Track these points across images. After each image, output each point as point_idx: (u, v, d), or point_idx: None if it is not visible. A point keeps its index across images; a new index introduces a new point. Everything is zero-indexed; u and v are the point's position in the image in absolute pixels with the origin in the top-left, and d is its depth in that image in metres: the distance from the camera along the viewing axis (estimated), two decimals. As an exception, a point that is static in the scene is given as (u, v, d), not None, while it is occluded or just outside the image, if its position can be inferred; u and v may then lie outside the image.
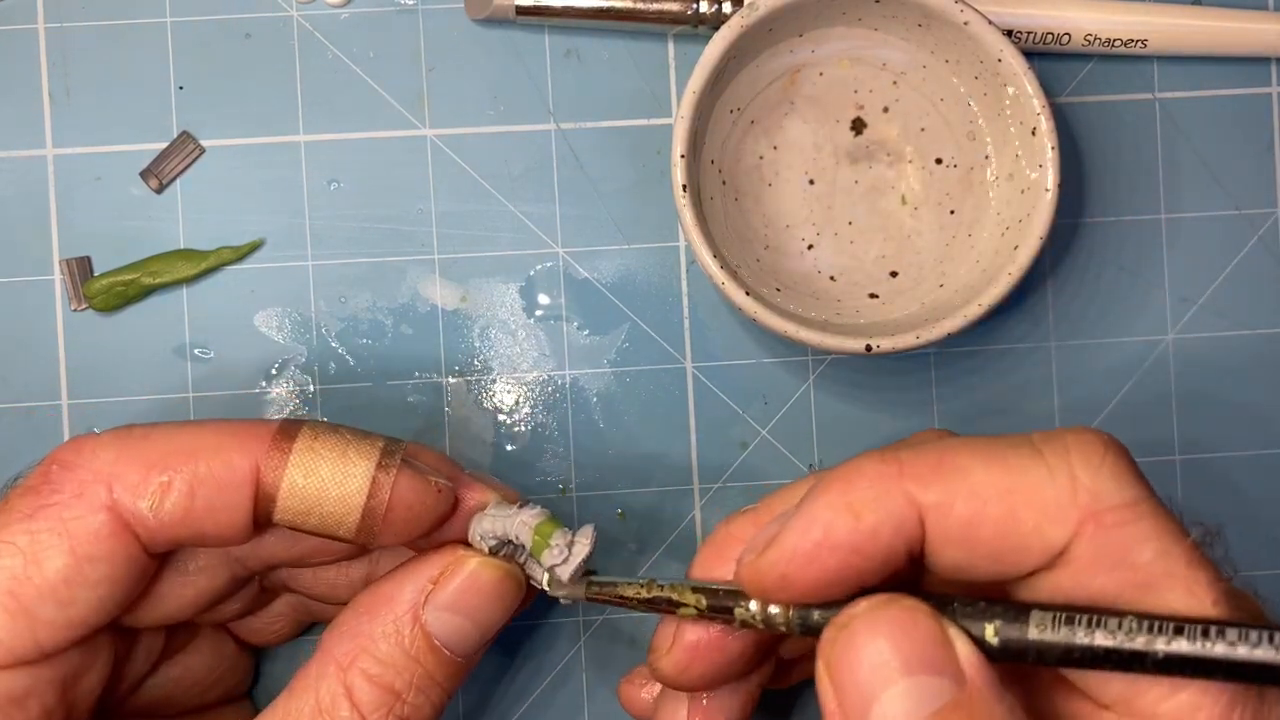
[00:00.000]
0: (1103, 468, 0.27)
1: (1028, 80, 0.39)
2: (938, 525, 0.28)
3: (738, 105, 0.42)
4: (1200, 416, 0.44)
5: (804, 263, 0.42)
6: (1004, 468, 0.28)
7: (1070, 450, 0.28)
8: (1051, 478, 0.27)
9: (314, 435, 0.32)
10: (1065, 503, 0.27)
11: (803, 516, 0.29)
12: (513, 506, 0.34)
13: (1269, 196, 0.44)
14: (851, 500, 0.28)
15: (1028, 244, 0.39)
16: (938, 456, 0.28)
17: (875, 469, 0.28)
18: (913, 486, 0.28)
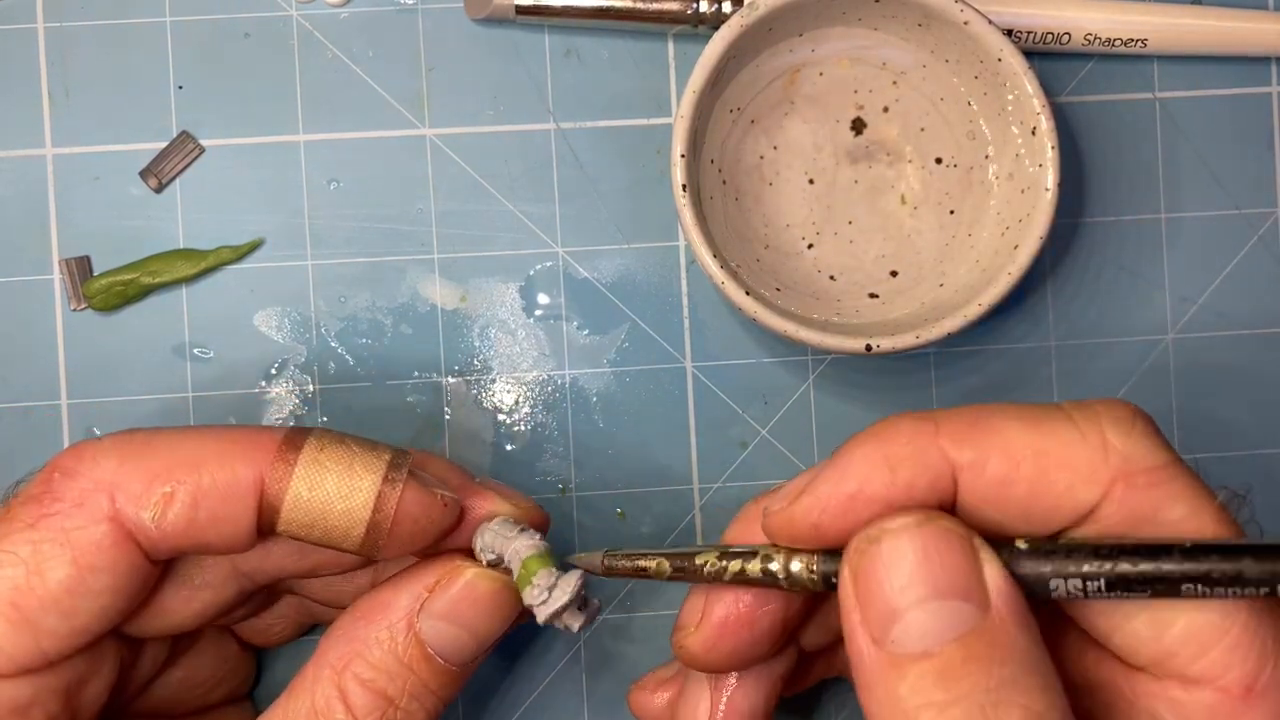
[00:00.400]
0: (1132, 433, 0.28)
1: (1028, 80, 0.39)
2: (971, 483, 0.28)
3: (738, 105, 0.42)
4: (1200, 416, 0.44)
5: (804, 262, 0.42)
6: (1037, 429, 0.28)
7: (1101, 416, 0.28)
8: (1084, 440, 0.28)
9: (319, 447, 0.32)
10: (1097, 464, 0.28)
11: (837, 468, 0.29)
12: (516, 527, 0.34)
13: (1269, 196, 0.44)
14: (888, 454, 0.28)
15: (1028, 244, 0.39)
16: (973, 416, 0.29)
17: (911, 426, 0.29)
18: (948, 444, 0.28)
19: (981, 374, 0.43)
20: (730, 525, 0.34)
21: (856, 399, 0.43)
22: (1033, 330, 0.44)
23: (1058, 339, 0.44)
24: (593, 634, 0.43)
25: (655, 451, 0.43)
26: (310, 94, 0.42)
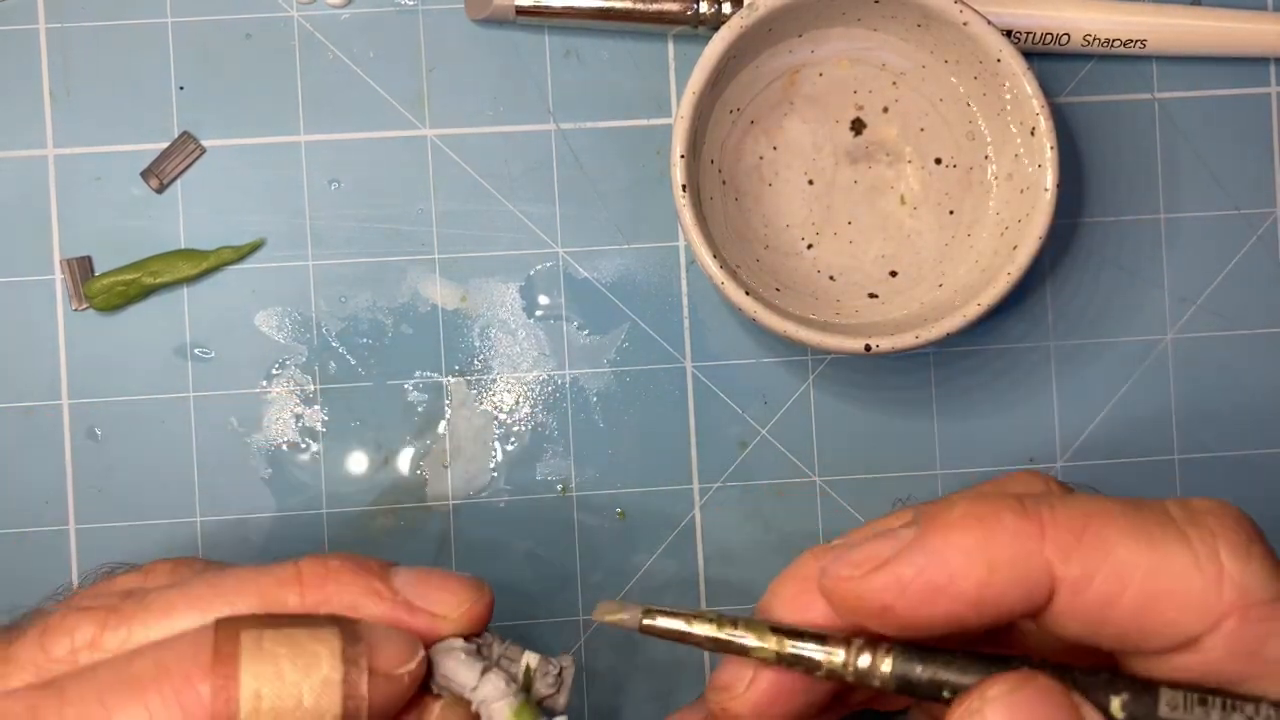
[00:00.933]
0: (1250, 559, 0.26)
1: (1027, 80, 0.39)
2: (1070, 599, 0.26)
3: (737, 105, 0.42)
4: (1199, 416, 0.44)
5: (804, 263, 0.42)
6: (1150, 547, 0.26)
7: (1217, 536, 0.26)
8: (1198, 566, 0.26)
9: (257, 638, 0.28)
10: (1211, 595, 0.26)
11: (926, 551, 0.26)
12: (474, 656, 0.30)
13: (1268, 196, 0.44)
14: (988, 553, 0.26)
15: (1027, 244, 0.39)
16: (1083, 523, 0.26)
17: (1016, 524, 0.26)
18: (1053, 555, 0.26)
19: (981, 374, 0.43)
20: (781, 580, 0.30)
21: (856, 399, 0.43)
22: (1032, 330, 0.44)
23: (1057, 339, 0.44)
24: (593, 633, 0.43)
25: (655, 451, 0.43)
26: (311, 94, 0.42)
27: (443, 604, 0.30)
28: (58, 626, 0.29)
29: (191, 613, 0.29)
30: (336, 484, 0.42)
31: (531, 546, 0.43)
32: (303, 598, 0.29)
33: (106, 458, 0.42)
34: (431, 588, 0.30)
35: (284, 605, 0.29)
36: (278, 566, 0.30)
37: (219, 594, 0.29)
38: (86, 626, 0.29)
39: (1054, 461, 0.43)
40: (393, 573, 0.30)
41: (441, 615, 0.30)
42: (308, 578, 0.29)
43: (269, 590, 0.29)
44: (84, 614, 0.29)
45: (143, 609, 0.29)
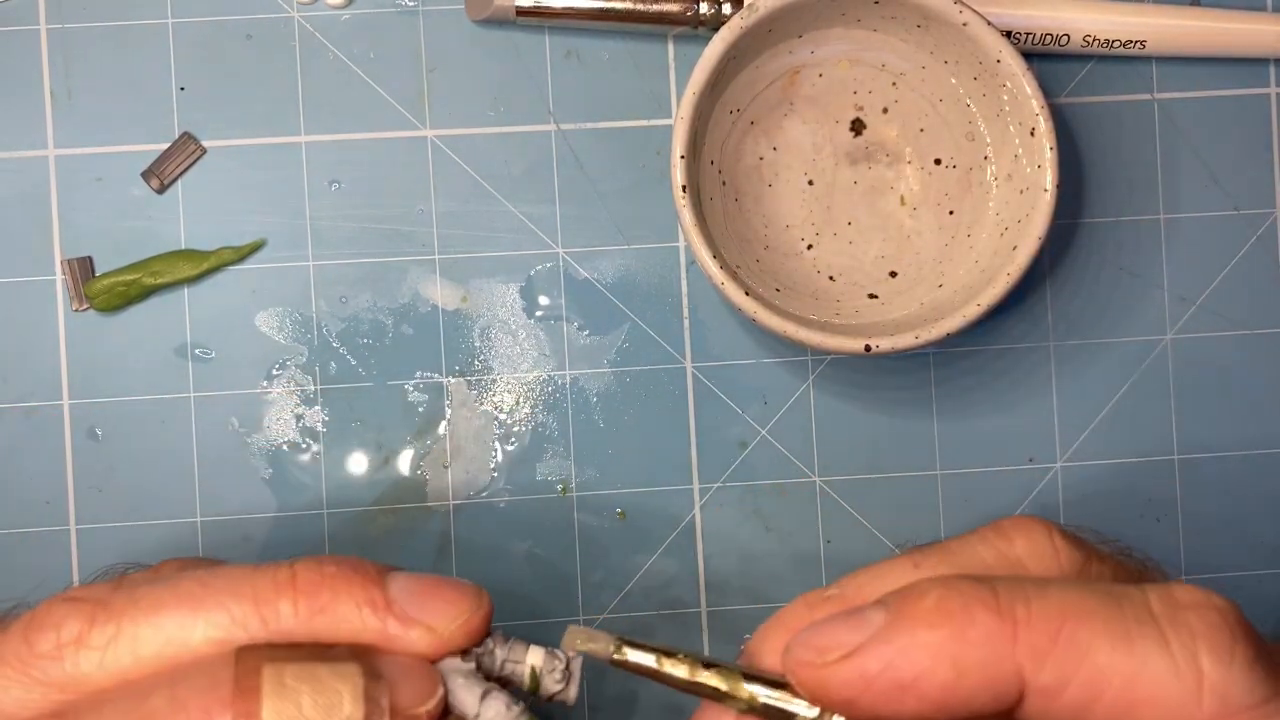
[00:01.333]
0: (1233, 663, 0.25)
1: (1026, 81, 0.39)
2: (1041, 703, 0.25)
3: (737, 106, 0.42)
4: (1199, 417, 0.44)
5: (803, 263, 0.42)
6: (1127, 652, 0.25)
7: (1198, 637, 0.25)
8: (1178, 673, 0.25)
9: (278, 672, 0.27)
10: (1190, 704, 0.25)
11: (894, 646, 0.25)
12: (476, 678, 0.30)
13: (1268, 197, 0.44)
14: (958, 655, 0.25)
15: (1026, 244, 0.39)
16: (1058, 624, 0.25)
17: (988, 624, 0.25)
18: (1025, 659, 0.25)
19: (980, 374, 0.44)
20: (768, 625, 0.30)
21: (856, 399, 0.43)
22: (1032, 330, 0.44)
23: (1057, 339, 0.44)
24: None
25: (655, 451, 0.43)
26: (312, 95, 0.42)
27: (440, 616, 0.29)
28: (43, 620, 0.28)
29: (181, 611, 0.28)
30: (337, 484, 0.42)
31: (531, 546, 0.43)
32: (296, 605, 0.28)
33: (107, 458, 0.42)
34: (429, 598, 0.29)
35: (278, 612, 0.28)
36: (272, 568, 0.29)
37: (210, 594, 0.28)
38: (73, 621, 0.28)
39: (1054, 461, 0.43)
40: (390, 580, 0.29)
41: (439, 630, 0.29)
42: (302, 584, 0.29)
43: (263, 594, 0.28)
44: (71, 606, 0.28)
45: (132, 605, 0.28)
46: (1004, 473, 0.43)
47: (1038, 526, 0.29)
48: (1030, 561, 0.29)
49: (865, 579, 0.29)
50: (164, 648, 0.28)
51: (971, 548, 0.29)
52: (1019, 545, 0.29)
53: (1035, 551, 0.29)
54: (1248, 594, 0.44)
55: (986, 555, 0.29)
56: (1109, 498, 0.44)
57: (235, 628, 0.28)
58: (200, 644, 0.28)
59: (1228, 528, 0.44)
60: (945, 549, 0.29)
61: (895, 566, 0.29)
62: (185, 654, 0.28)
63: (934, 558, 0.29)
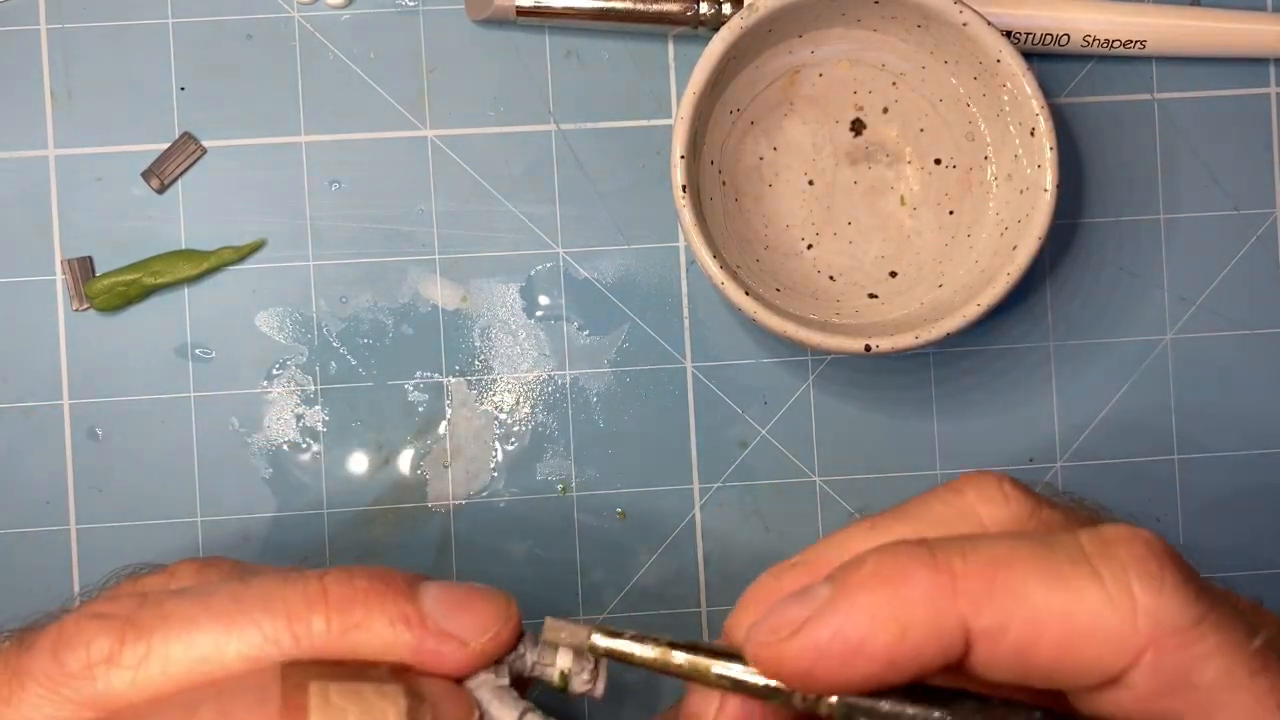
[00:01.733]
0: (1163, 589, 0.26)
1: (1026, 81, 0.39)
2: (988, 650, 0.26)
3: (737, 106, 0.42)
4: (1198, 416, 0.44)
5: (803, 263, 0.42)
6: (1062, 588, 0.26)
7: (1129, 568, 0.26)
8: (1111, 603, 0.26)
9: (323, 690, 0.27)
10: (1127, 630, 0.26)
11: (839, 613, 0.27)
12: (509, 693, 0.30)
13: (1267, 196, 0.44)
14: (899, 615, 0.26)
15: (1026, 244, 0.39)
16: (992, 571, 0.26)
17: (927, 580, 0.26)
18: (966, 608, 0.26)
19: (980, 374, 0.44)
20: (741, 601, 0.31)
21: (856, 399, 0.43)
22: (1032, 330, 0.44)
23: (1057, 339, 0.44)
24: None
25: (655, 451, 0.43)
26: (312, 95, 0.42)
27: (473, 630, 0.29)
28: (73, 638, 0.28)
29: (214, 629, 0.28)
30: (337, 484, 0.42)
31: (531, 546, 0.43)
32: (329, 622, 0.28)
33: (107, 458, 0.42)
34: (461, 611, 0.29)
35: (310, 629, 0.28)
36: (302, 580, 0.29)
37: (242, 610, 0.28)
38: (103, 639, 0.28)
39: (1054, 461, 0.44)
40: (421, 592, 0.29)
41: (472, 644, 0.29)
42: (334, 598, 0.28)
43: (295, 609, 0.28)
44: (100, 624, 0.28)
45: (163, 622, 0.28)
46: (1004, 472, 0.43)
47: (988, 477, 0.30)
48: (982, 509, 0.30)
49: (827, 546, 0.30)
50: (197, 665, 0.28)
51: (927, 505, 0.30)
52: (970, 496, 0.30)
53: (986, 500, 0.30)
54: (1247, 594, 0.44)
55: (941, 510, 0.30)
56: (1109, 498, 0.44)
57: (268, 644, 0.28)
58: (233, 661, 0.28)
59: (1228, 527, 0.44)
60: (903, 509, 0.30)
61: (855, 532, 0.30)
62: (218, 670, 0.28)
63: (890, 517, 0.30)
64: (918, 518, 0.30)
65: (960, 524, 0.29)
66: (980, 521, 0.29)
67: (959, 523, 0.30)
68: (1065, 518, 0.30)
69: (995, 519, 0.29)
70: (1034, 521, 0.29)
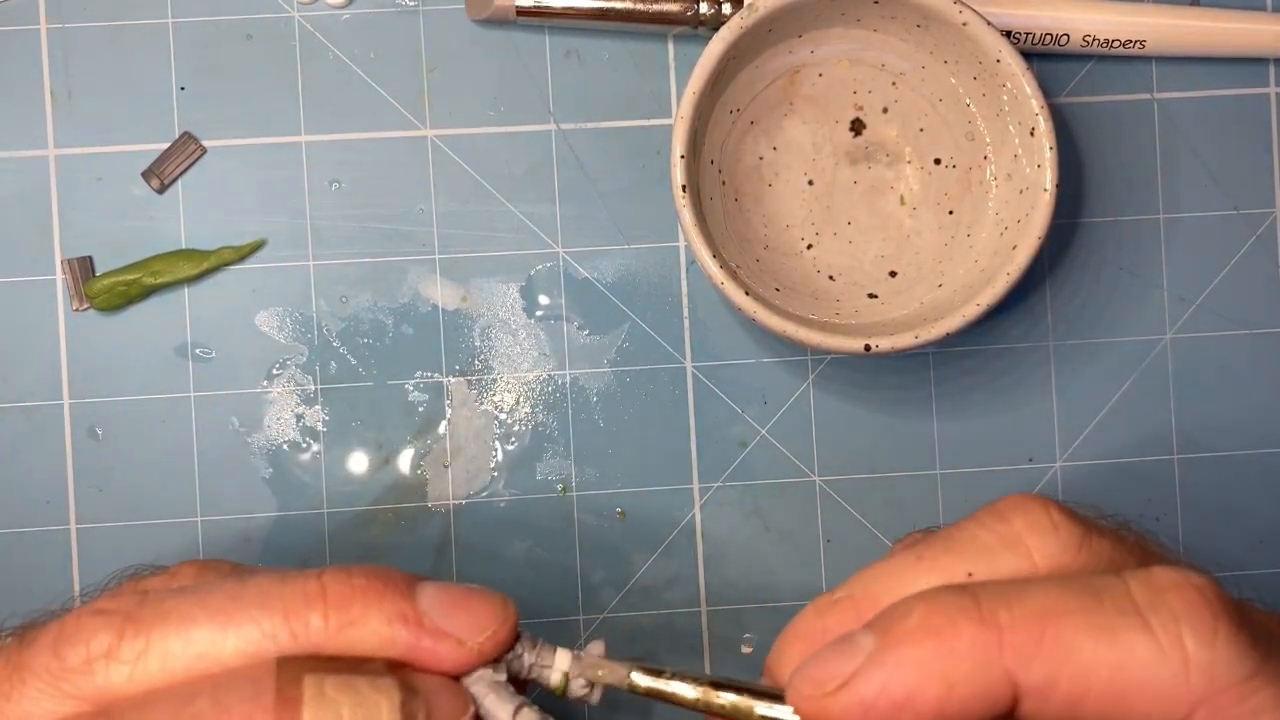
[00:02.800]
0: (1216, 642, 0.25)
1: (1026, 81, 0.39)
2: (1036, 703, 0.26)
3: (737, 106, 0.42)
4: (1198, 416, 0.44)
5: (803, 263, 0.42)
6: (1111, 642, 0.25)
7: (1180, 619, 0.26)
8: (1163, 657, 0.25)
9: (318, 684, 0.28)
10: (1179, 686, 0.25)
11: (885, 668, 0.26)
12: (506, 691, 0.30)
13: (1267, 196, 0.44)
14: (945, 669, 0.26)
15: (1026, 244, 0.39)
16: (1040, 625, 0.26)
17: (973, 634, 0.26)
18: (1014, 663, 0.26)
19: (980, 374, 0.44)
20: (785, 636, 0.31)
21: (856, 399, 0.43)
22: (1031, 330, 0.44)
23: (1056, 339, 0.44)
24: (594, 631, 0.43)
25: (655, 451, 0.43)
26: (312, 95, 0.42)
27: (469, 629, 0.30)
28: (73, 634, 0.28)
29: (211, 625, 0.28)
30: (337, 484, 0.42)
31: (531, 546, 0.43)
32: (327, 619, 0.28)
33: (107, 458, 0.42)
34: (458, 610, 0.30)
35: (307, 625, 0.28)
36: (300, 578, 0.29)
37: (240, 607, 0.28)
38: (103, 634, 0.28)
39: (1054, 461, 0.44)
40: (419, 591, 0.30)
41: (468, 642, 0.29)
42: (332, 596, 0.29)
43: (293, 606, 0.28)
44: (100, 619, 0.28)
45: (161, 619, 0.28)
46: (1004, 473, 0.43)
47: (1034, 504, 0.30)
48: (1029, 539, 0.29)
49: (871, 578, 0.30)
50: (195, 661, 0.28)
51: (971, 534, 0.29)
52: (1018, 525, 0.29)
53: (1034, 529, 0.29)
54: (1248, 593, 0.43)
55: (987, 539, 0.29)
56: (1109, 497, 0.44)
57: (265, 640, 0.28)
58: (230, 657, 0.28)
59: (1228, 527, 0.44)
60: (947, 538, 0.30)
61: (900, 562, 0.30)
62: (216, 666, 0.28)
63: (936, 547, 0.29)
64: (964, 549, 0.29)
65: (1008, 556, 0.29)
66: (1028, 553, 0.29)
67: (1006, 554, 0.29)
68: (1114, 546, 0.29)
69: (1043, 551, 0.29)
70: (1083, 553, 0.29)
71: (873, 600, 0.29)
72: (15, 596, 0.42)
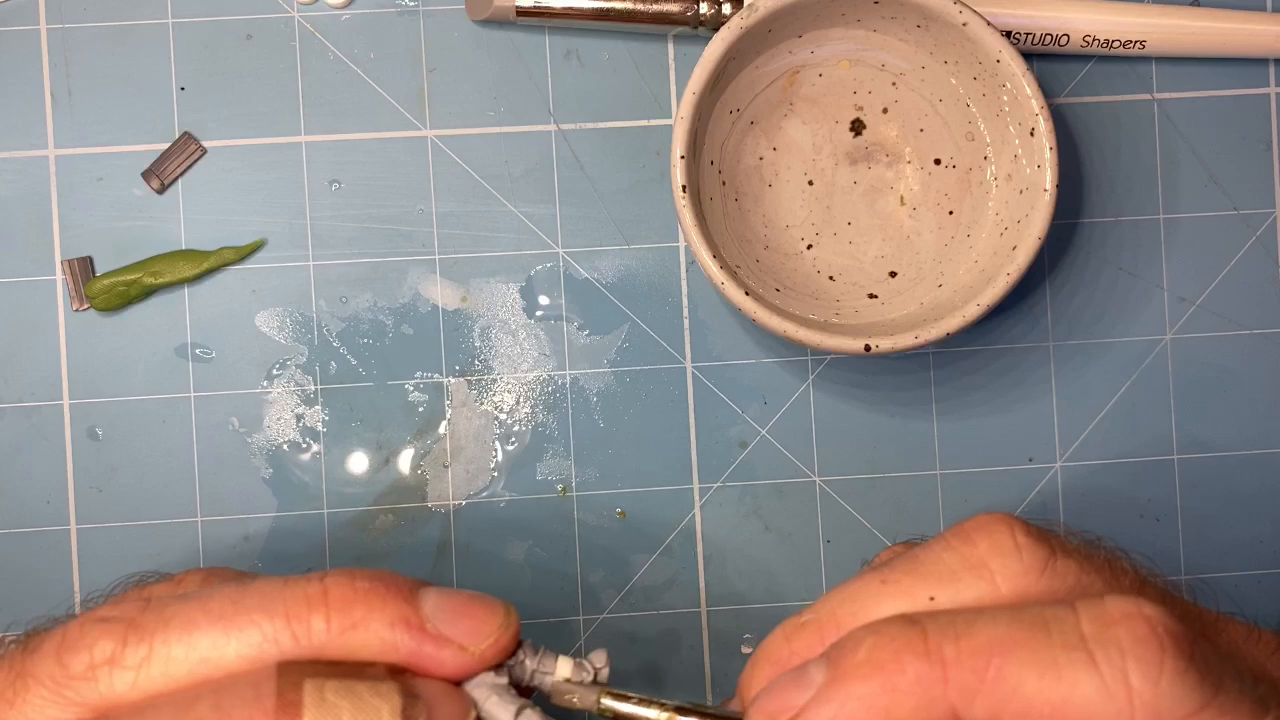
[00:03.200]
0: (1161, 678, 0.25)
1: (1026, 81, 0.39)
2: None
3: (737, 106, 0.42)
4: (1198, 416, 0.44)
5: (803, 263, 0.42)
6: (1055, 679, 0.26)
7: (1126, 654, 0.26)
8: (1107, 693, 0.25)
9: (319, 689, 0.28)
10: None
11: (832, 702, 0.27)
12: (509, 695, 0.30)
13: (1267, 197, 0.44)
14: (890, 705, 0.26)
15: (1026, 244, 0.39)
16: (985, 660, 0.26)
17: (918, 669, 0.26)
18: (957, 699, 0.26)
19: (980, 374, 0.44)
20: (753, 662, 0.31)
21: (856, 399, 0.43)
22: (1031, 330, 0.44)
23: (1056, 339, 0.44)
24: (593, 632, 0.43)
25: (655, 451, 0.43)
26: (312, 95, 0.42)
27: (472, 635, 0.30)
28: (76, 641, 0.28)
29: (214, 630, 0.28)
30: (337, 484, 0.42)
31: (531, 546, 0.43)
32: (329, 621, 0.28)
33: (107, 458, 0.42)
34: (460, 616, 0.30)
35: (310, 628, 0.28)
36: (303, 581, 0.29)
37: (241, 611, 0.28)
38: (106, 641, 0.28)
39: (1054, 461, 0.44)
40: (421, 596, 0.30)
41: (470, 649, 0.29)
42: (335, 599, 0.29)
43: (294, 609, 0.28)
44: (103, 627, 0.28)
45: (163, 625, 0.28)
46: (1004, 473, 0.44)
47: (1000, 526, 0.30)
48: (993, 562, 0.29)
49: (837, 601, 0.30)
50: (197, 666, 0.28)
51: (936, 556, 0.30)
52: (982, 547, 0.29)
53: (998, 552, 0.29)
54: (1248, 594, 0.44)
55: (952, 562, 0.29)
56: (1109, 498, 0.44)
57: (268, 644, 0.28)
58: (234, 661, 0.28)
59: (1228, 528, 0.44)
60: (912, 560, 0.30)
61: (865, 586, 0.30)
62: (219, 671, 0.28)
63: (900, 570, 0.30)
64: (928, 572, 0.29)
65: (971, 579, 0.29)
66: (991, 576, 0.29)
67: (969, 577, 0.29)
68: (1080, 568, 0.29)
69: (1006, 574, 0.29)
70: (1046, 576, 0.29)
71: (837, 624, 0.29)
72: (15, 597, 0.42)
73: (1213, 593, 0.33)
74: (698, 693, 0.43)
